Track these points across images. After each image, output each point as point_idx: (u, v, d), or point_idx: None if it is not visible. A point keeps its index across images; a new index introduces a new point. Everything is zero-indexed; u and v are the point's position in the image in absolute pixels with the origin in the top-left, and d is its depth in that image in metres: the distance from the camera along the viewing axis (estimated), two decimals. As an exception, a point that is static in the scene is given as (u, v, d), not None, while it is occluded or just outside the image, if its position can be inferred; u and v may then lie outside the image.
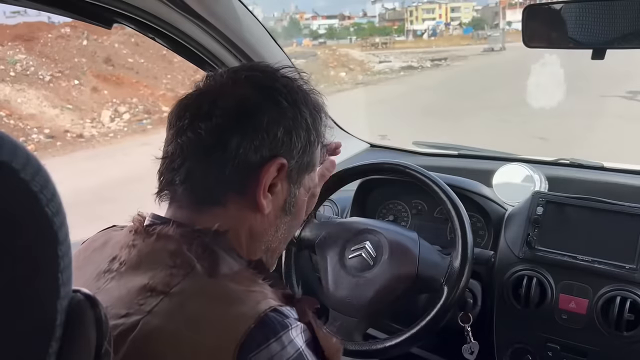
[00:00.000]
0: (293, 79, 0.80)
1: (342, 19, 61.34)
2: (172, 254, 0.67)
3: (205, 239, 0.69)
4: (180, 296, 0.62)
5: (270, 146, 0.73)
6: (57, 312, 0.38)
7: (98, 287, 0.68)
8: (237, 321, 0.59)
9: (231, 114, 0.72)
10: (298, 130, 0.76)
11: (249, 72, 0.77)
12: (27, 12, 15.22)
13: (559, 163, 1.61)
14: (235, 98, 0.73)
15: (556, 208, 1.30)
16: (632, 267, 1.17)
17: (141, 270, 0.67)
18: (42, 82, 13.16)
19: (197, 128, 0.71)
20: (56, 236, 0.38)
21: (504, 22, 47.12)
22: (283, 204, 0.79)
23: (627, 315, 1.13)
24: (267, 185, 0.74)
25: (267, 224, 0.78)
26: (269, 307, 0.62)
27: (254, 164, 0.72)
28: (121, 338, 0.59)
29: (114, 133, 11.98)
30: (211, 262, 0.67)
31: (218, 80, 0.78)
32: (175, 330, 0.59)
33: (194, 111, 0.73)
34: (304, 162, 0.79)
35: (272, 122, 0.73)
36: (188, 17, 1.24)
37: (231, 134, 0.71)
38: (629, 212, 1.23)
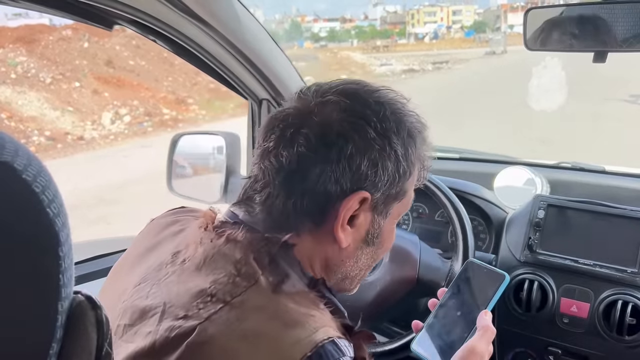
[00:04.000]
0: (387, 103, 0.73)
1: (344, 21, 61.42)
2: (237, 262, 0.66)
3: (273, 250, 0.68)
4: (240, 309, 0.62)
5: (352, 179, 0.69)
6: (58, 313, 0.38)
7: (158, 278, 0.69)
8: (294, 346, 0.58)
9: (314, 142, 0.68)
10: (385, 162, 0.70)
11: (339, 96, 0.71)
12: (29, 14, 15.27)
13: (561, 166, 1.61)
14: (320, 125, 0.69)
15: (557, 211, 1.30)
16: (633, 271, 1.17)
17: (203, 272, 0.67)
18: (42, 84, 13.18)
19: (280, 155, 0.69)
20: (58, 237, 0.37)
21: (506, 26, 47.17)
22: (365, 236, 0.75)
23: (629, 319, 1.13)
24: (346, 219, 0.70)
25: (345, 255, 0.75)
26: (327, 337, 0.60)
27: (333, 195, 0.69)
28: (177, 340, 0.60)
29: (115, 135, 11.99)
30: (275, 277, 0.66)
31: (308, 101, 0.73)
32: (231, 343, 0.59)
33: (279, 135, 0.71)
34: (392, 194, 0.73)
35: (356, 153, 0.68)
36: (189, 19, 1.24)
37: (313, 164, 0.68)
38: (631, 215, 1.23)
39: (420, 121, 0.77)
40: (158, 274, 0.70)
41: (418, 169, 0.78)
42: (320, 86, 0.75)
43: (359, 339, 0.68)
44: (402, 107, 0.74)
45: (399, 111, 0.73)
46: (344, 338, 0.64)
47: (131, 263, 0.78)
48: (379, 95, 0.73)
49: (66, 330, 0.39)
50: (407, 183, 0.75)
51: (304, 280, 0.69)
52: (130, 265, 0.78)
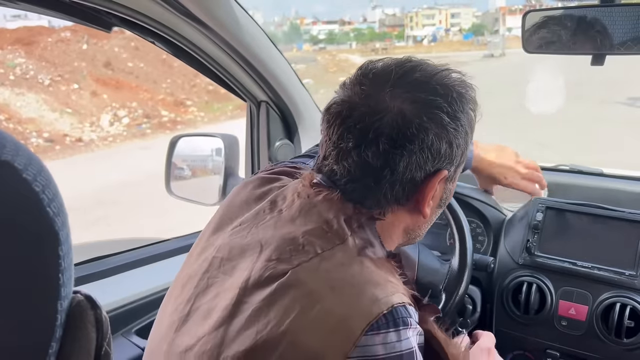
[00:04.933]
0: (451, 84, 0.76)
1: (342, 24, 61.46)
2: (330, 220, 0.73)
3: (362, 218, 0.74)
4: (329, 262, 0.69)
5: (434, 162, 0.74)
6: (57, 313, 0.38)
7: (256, 222, 0.78)
8: (372, 303, 0.65)
9: (396, 139, 0.72)
10: (458, 139, 0.76)
11: (405, 88, 0.74)
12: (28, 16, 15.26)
13: (559, 169, 1.61)
14: (397, 122, 0.72)
15: (556, 214, 1.30)
16: (632, 274, 1.17)
17: (297, 222, 0.74)
18: (41, 85, 13.18)
19: (365, 155, 0.73)
20: (57, 236, 0.38)
21: (504, 28, 47.25)
22: (439, 202, 0.83)
23: (627, 321, 1.13)
24: (431, 197, 0.77)
25: (423, 222, 0.83)
26: (401, 301, 0.67)
27: (418, 180, 0.75)
28: (269, 280, 0.68)
29: (113, 137, 11.99)
30: (362, 240, 0.73)
31: (374, 95, 0.74)
32: (318, 289, 0.66)
33: (359, 135, 0.73)
34: (461, 161, 0.80)
35: (435, 140, 0.73)
36: (188, 21, 1.24)
37: (399, 158, 0.72)
38: (629, 218, 1.23)
39: (471, 87, 0.81)
40: (256, 217, 0.78)
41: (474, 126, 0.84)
42: (376, 73, 0.76)
43: (425, 310, 0.74)
44: (462, 84, 0.78)
45: (461, 88, 0.78)
46: (413, 306, 0.70)
47: (230, 212, 0.85)
48: (441, 78, 0.76)
49: (65, 329, 0.39)
50: (470, 148, 0.83)
51: (383, 251, 0.76)
52: (229, 214, 0.84)
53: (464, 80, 0.80)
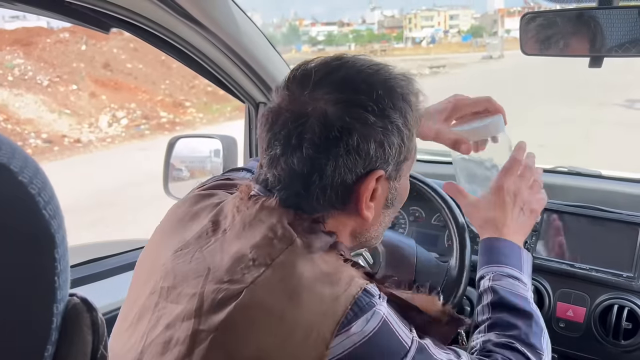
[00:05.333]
0: (377, 80, 0.73)
1: (341, 25, 61.57)
2: (274, 226, 0.70)
3: (305, 223, 0.72)
4: (281, 270, 0.66)
5: (364, 164, 0.71)
6: (53, 316, 0.38)
7: (200, 245, 0.74)
8: (335, 302, 0.64)
9: (320, 143, 0.70)
10: (390, 138, 0.72)
11: (328, 88, 0.71)
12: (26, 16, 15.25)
13: (557, 171, 1.61)
14: (320, 124, 0.70)
15: (554, 216, 1.30)
16: (629, 276, 1.17)
17: (243, 238, 0.71)
18: (40, 86, 13.17)
19: (291, 162, 0.71)
20: (53, 239, 0.37)
21: (503, 30, 47.35)
22: (385, 202, 0.80)
23: (625, 323, 1.13)
24: (368, 198, 0.74)
25: (370, 224, 0.79)
26: (359, 288, 0.66)
27: (350, 183, 0.72)
28: (224, 302, 0.65)
29: (112, 138, 11.98)
30: (310, 237, 0.70)
31: (298, 99, 0.72)
32: (276, 303, 0.64)
33: (284, 142, 0.72)
34: (401, 160, 0.76)
35: (362, 141, 0.70)
36: (186, 23, 1.24)
37: (325, 162, 0.70)
38: (627, 220, 1.23)
39: (410, 80, 0.77)
40: (199, 241, 0.74)
41: (418, 119, 0.80)
42: (303, 74, 0.74)
43: (382, 281, 0.72)
44: (390, 78, 0.74)
45: (389, 83, 0.74)
46: (369, 281, 0.69)
47: (170, 230, 0.82)
48: (367, 75, 0.73)
49: (61, 332, 0.39)
50: (411, 145, 0.78)
51: (330, 243, 0.73)
52: (168, 232, 0.81)
53: (395, 74, 0.76)
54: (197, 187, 0.91)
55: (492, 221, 0.96)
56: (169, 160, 1.60)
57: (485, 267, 0.93)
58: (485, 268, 0.93)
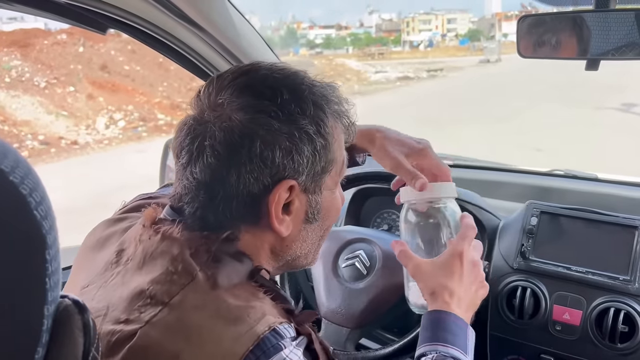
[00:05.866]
0: (283, 85, 0.69)
1: (339, 29, 61.62)
2: (174, 259, 0.65)
3: (212, 246, 0.67)
4: (179, 309, 0.61)
5: (271, 173, 0.67)
6: (44, 317, 0.37)
7: (105, 280, 0.69)
8: (236, 343, 0.58)
9: (221, 151, 0.66)
10: (299, 146, 0.68)
11: (232, 95, 0.69)
12: (24, 18, 15.26)
13: (554, 174, 1.62)
14: (221, 131, 0.67)
15: (550, 219, 1.30)
16: (626, 279, 1.17)
17: (143, 270, 0.66)
18: (37, 88, 13.16)
19: (194, 172, 0.68)
20: (45, 240, 0.37)
21: (500, 34, 47.44)
22: (305, 217, 0.74)
23: (621, 326, 1.13)
24: (279, 210, 0.69)
25: (290, 240, 0.74)
26: (267, 327, 0.60)
27: (257, 194, 0.68)
28: (118, 345, 0.59)
29: (109, 140, 11.97)
30: (213, 272, 0.64)
31: (202, 107, 0.70)
32: (173, 346, 0.59)
33: (187, 151, 0.69)
34: (318, 171, 0.71)
35: (265, 148, 0.66)
36: (183, 24, 1.24)
37: (227, 172, 0.66)
38: (623, 223, 1.23)
39: (328, 87, 0.74)
40: (104, 275, 0.70)
41: (342, 128, 0.76)
42: (215, 81, 0.71)
43: (301, 319, 0.68)
44: (300, 83, 0.71)
45: (298, 88, 0.70)
46: (285, 322, 0.63)
47: (81, 261, 0.77)
48: (273, 80, 0.70)
49: (52, 334, 0.38)
50: (332, 152, 0.73)
51: (243, 272, 0.68)
52: (80, 263, 0.77)
53: (309, 81, 0.72)
54: (120, 207, 0.87)
55: (445, 290, 0.83)
56: (165, 163, 1.60)
57: (428, 344, 0.80)
58: (427, 345, 0.80)
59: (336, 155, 0.74)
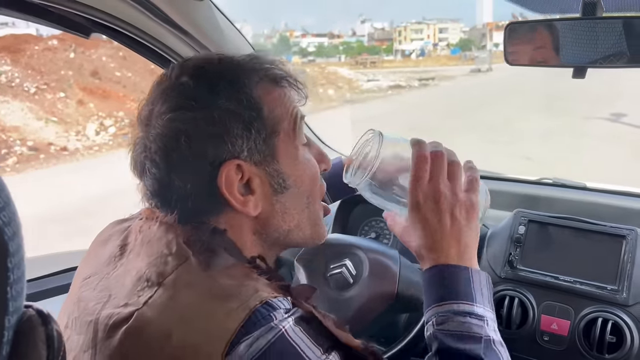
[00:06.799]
0: (192, 74, 0.70)
1: (332, 37, 61.89)
2: (169, 242, 0.66)
3: (203, 236, 0.67)
4: (172, 289, 0.61)
5: (209, 162, 0.68)
6: (4, 329, 0.36)
7: (107, 272, 0.70)
8: (228, 318, 0.57)
9: (157, 159, 0.69)
10: (226, 126, 0.68)
11: (158, 97, 0.71)
12: (15, 23, 15.18)
13: (542, 182, 1.61)
14: (152, 140, 0.69)
15: (538, 227, 1.29)
16: (613, 288, 1.16)
17: (141, 256, 0.68)
18: (27, 94, 13.08)
19: (147, 185, 0.71)
20: (7, 247, 0.36)
21: (491, 44, 47.85)
22: (271, 188, 0.72)
23: (609, 337, 1.12)
24: (236, 194, 0.69)
25: (267, 217, 0.73)
26: (259, 301, 0.59)
27: (207, 186, 0.68)
28: (115, 328, 0.60)
29: (99, 146, 11.91)
30: (206, 257, 0.65)
31: (139, 120, 0.74)
32: (166, 325, 0.59)
33: (135, 167, 0.73)
34: (260, 141, 0.70)
35: (194, 142, 0.67)
36: (168, 28, 1.23)
37: (169, 177, 0.68)
38: (611, 232, 1.22)
39: (244, 58, 0.74)
40: (107, 267, 0.71)
41: (285, 89, 0.75)
42: (147, 97, 0.74)
43: (297, 293, 0.67)
44: (210, 66, 0.71)
45: (207, 72, 0.71)
46: (280, 296, 0.62)
47: (86, 259, 0.80)
48: (186, 73, 0.71)
49: (13, 346, 0.37)
50: (270, 119, 0.71)
51: (237, 257, 0.68)
52: (84, 262, 0.79)
53: (225, 60, 0.72)
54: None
55: (423, 247, 0.78)
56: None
57: (428, 309, 0.76)
58: (428, 311, 0.76)
59: (277, 120, 0.72)
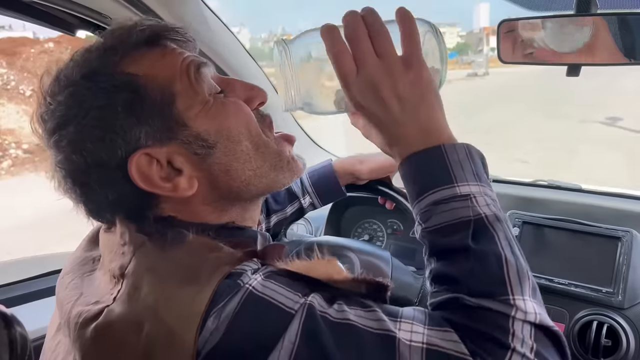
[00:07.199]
0: (51, 95, 0.67)
1: (329, 41, 61.89)
2: (123, 234, 0.64)
3: (157, 225, 0.65)
4: (134, 277, 0.59)
5: (113, 170, 0.63)
6: None
7: (82, 272, 0.69)
8: (193, 303, 0.54)
9: (70, 183, 0.66)
10: (105, 125, 0.62)
11: (43, 131, 0.69)
12: (12, 26, 15.14)
13: (537, 184, 1.59)
14: (56, 169, 0.67)
15: (533, 229, 1.28)
16: (609, 291, 1.15)
17: (106, 254, 0.66)
18: (22, 96, 13.02)
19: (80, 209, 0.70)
20: None
21: (488, 48, 47.91)
22: (197, 157, 0.66)
23: (604, 340, 1.10)
24: (159, 183, 0.64)
25: (210, 183, 0.68)
26: (223, 275, 0.56)
27: (130, 190, 0.64)
28: (84, 326, 0.57)
29: (95, 150, 11.87)
30: (161, 236, 0.62)
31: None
32: (136, 316, 0.56)
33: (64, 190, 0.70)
34: (154, 117, 0.63)
35: (87, 156, 0.63)
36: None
37: (88, 196, 0.67)
38: (607, 234, 1.21)
39: (93, 44, 0.69)
40: (82, 268, 0.70)
41: (147, 51, 0.68)
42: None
43: (265, 253, 0.65)
44: (66, 69, 0.67)
45: (66, 76, 0.66)
46: (245, 262, 0.60)
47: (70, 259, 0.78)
48: (48, 90, 0.67)
49: None
50: (153, 87, 0.64)
51: (195, 231, 0.64)
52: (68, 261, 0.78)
53: (76, 59, 0.67)
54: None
55: (385, 144, 0.68)
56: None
57: (413, 210, 0.67)
58: (413, 212, 0.67)
59: (165, 85, 0.65)
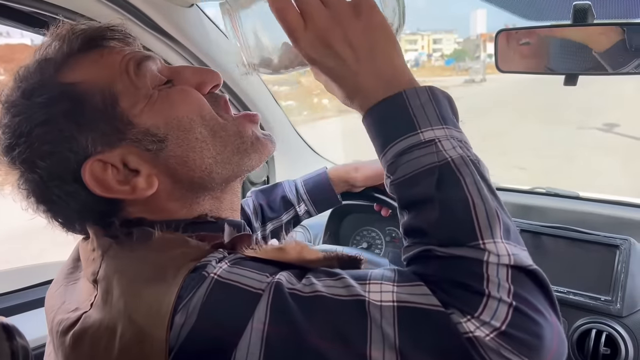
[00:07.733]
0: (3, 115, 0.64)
1: (326, 48, 62.06)
2: (92, 241, 0.64)
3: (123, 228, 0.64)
4: (105, 281, 0.58)
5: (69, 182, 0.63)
6: None
7: (68, 281, 0.69)
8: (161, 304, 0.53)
9: (34, 200, 0.66)
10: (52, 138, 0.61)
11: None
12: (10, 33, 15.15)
13: (535, 192, 1.59)
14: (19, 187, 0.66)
15: (531, 237, 1.28)
16: (607, 299, 1.14)
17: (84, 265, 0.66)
18: (20, 103, 13.07)
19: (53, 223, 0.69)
20: None
21: (485, 54, 48.10)
22: (150, 154, 0.64)
23: (603, 349, 1.10)
24: (118, 188, 0.63)
25: (172, 176, 0.66)
26: (187, 271, 0.54)
27: (91, 198, 0.63)
28: (63, 333, 0.57)
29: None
30: (127, 237, 0.62)
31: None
32: (110, 320, 0.55)
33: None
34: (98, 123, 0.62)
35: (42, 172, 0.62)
36: (155, 35, 1.21)
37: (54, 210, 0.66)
38: (605, 242, 1.21)
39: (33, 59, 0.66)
40: (69, 276, 0.70)
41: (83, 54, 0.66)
42: None
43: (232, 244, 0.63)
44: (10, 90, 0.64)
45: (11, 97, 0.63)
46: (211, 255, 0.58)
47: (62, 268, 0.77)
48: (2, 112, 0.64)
49: None
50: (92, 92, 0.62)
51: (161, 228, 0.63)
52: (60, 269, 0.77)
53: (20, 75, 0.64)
54: None
55: (345, 98, 0.65)
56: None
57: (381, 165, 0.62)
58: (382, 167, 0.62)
59: (106, 87, 0.63)
